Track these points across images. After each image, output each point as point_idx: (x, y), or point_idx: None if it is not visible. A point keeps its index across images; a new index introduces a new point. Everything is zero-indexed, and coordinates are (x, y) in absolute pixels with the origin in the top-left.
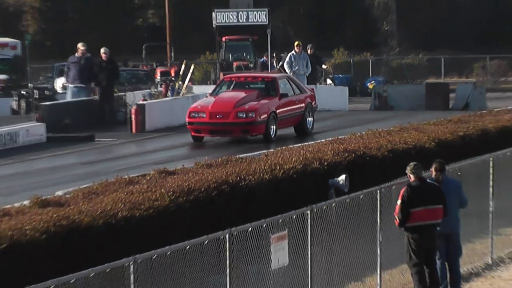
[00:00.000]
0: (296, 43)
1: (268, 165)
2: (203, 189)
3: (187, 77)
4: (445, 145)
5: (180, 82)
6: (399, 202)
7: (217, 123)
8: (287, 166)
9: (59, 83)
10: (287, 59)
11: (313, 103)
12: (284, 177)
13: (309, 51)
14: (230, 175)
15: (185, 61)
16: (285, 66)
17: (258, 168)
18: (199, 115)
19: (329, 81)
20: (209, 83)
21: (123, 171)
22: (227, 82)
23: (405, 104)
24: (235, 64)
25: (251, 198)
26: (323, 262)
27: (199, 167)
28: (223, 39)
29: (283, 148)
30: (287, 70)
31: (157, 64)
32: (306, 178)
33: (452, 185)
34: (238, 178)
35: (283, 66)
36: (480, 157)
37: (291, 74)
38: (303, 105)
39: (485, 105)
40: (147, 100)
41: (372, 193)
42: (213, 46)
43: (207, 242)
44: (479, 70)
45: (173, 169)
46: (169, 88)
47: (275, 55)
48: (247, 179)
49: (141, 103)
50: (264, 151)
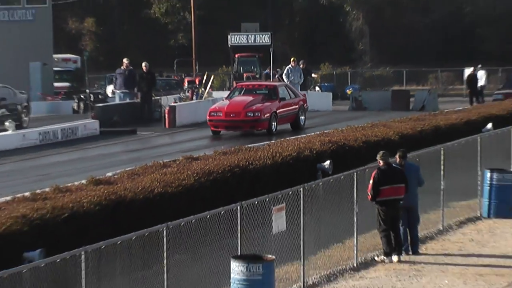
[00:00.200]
0: (292, 59)
1: (270, 153)
2: (220, 171)
3: (208, 85)
4: (406, 138)
5: (203, 89)
6: (371, 181)
7: (231, 121)
8: (285, 153)
9: (109, 89)
10: (285, 71)
11: (305, 105)
12: (282, 162)
13: (301, 65)
14: (241, 160)
15: (206, 72)
16: (283, 76)
17: (263, 155)
18: (217, 114)
19: (317, 88)
20: (224, 90)
21: (158, 157)
22: (238, 88)
23: (376, 106)
24: (245, 75)
25: (257, 179)
26: (312, 228)
27: (217, 154)
28: (236, 55)
29: (281, 139)
30: (285, 80)
31: (185, 74)
32: (300, 163)
33: (412, 168)
34: (247, 163)
35: (281, 76)
36: (433, 147)
37: (288, 83)
38: (297, 106)
39: (437, 107)
40: (177, 103)
41: (350, 175)
42: (228, 61)
43: (223, 212)
44: (432, 80)
45: (197, 156)
46: (194, 93)
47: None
48: (254, 163)
49: (172, 104)
50: (267, 142)
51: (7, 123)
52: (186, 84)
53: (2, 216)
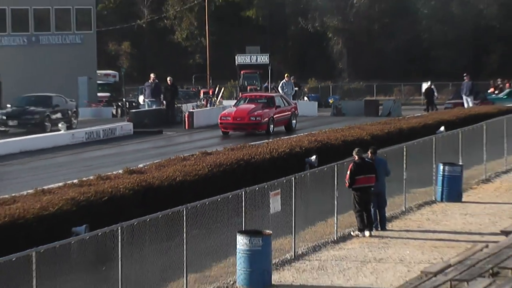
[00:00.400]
0: (285, 74)
1: (268, 149)
2: (228, 164)
3: (219, 95)
4: (376, 138)
5: (215, 98)
6: (348, 172)
7: (237, 123)
8: (280, 150)
9: (141, 98)
10: (280, 84)
11: (296, 112)
12: (278, 157)
13: (293, 80)
14: (245, 155)
15: (218, 85)
16: (279, 89)
17: (262, 151)
18: (227, 118)
19: (305, 98)
20: (232, 99)
21: (180, 152)
22: (243, 98)
23: (352, 112)
24: (248, 87)
25: (258, 169)
26: (301, 209)
27: (226, 150)
28: (242, 72)
29: (277, 139)
30: (280, 91)
31: (201, 87)
32: (292, 157)
33: (381, 162)
34: (250, 157)
35: (277, 88)
36: (398, 145)
37: (282, 94)
38: (290, 112)
39: (400, 114)
40: (195, 109)
41: (332, 167)
42: (235, 76)
43: (230, 196)
44: (397, 92)
45: (210, 151)
46: (208, 101)
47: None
48: (255, 157)
49: (191, 110)
50: (266, 141)
51: (60, 125)
52: (201, 95)
53: (55, 199)
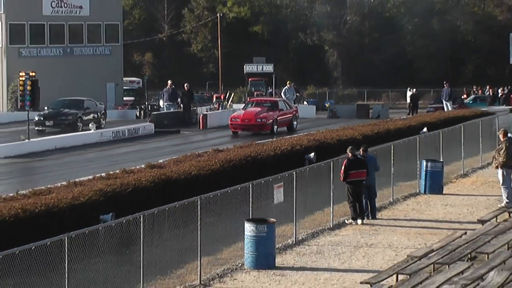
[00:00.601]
0: (288, 82)
1: (272, 147)
2: (238, 160)
3: (230, 99)
4: (367, 137)
5: (226, 102)
6: (342, 167)
7: (245, 124)
8: (283, 147)
9: (161, 102)
10: (283, 90)
11: (297, 114)
12: (281, 154)
13: (294, 86)
14: (252, 152)
15: (228, 91)
16: (282, 94)
17: (267, 148)
18: (236, 120)
19: (305, 102)
20: (241, 103)
21: (195, 149)
22: (251, 102)
23: (346, 115)
24: (255, 93)
25: (263, 165)
26: (301, 200)
27: (236, 147)
28: (249, 79)
29: (280, 138)
30: (282, 97)
31: (213, 92)
32: (293, 154)
33: (371, 158)
34: (257, 154)
35: (280, 94)
36: (386, 144)
37: (285, 99)
38: (291, 115)
39: (388, 116)
40: (208, 112)
41: (328, 163)
42: (244, 83)
43: (239, 188)
44: (385, 97)
45: (222, 148)
46: (220, 105)
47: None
48: (261, 154)
49: (205, 113)
50: (270, 140)
51: (90, 125)
52: (214, 99)
53: (85, 190)
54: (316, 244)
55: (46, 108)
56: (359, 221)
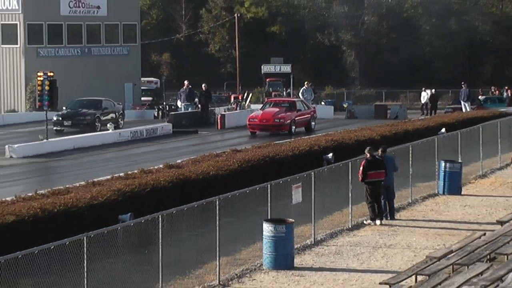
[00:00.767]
0: (305, 82)
1: (290, 147)
2: (256, 160)
3: (247, 100)
4: (385, 138)
5: (244, 102)
6: (361, 168)
7: (263, 125)
8: (301, 148)
9: (179, 103)
10: (300, 91)
11: (314, 115)
12: (299, 154)
13: (311, 87)
14: (270, 152)
15: (246, 91)
16: (300, 95)
17: (285, 149)
18: (254, 120)
19: (323, 103)
20: (259, 103)
21: (213, 149)
22: (269, 103)
23: (364, 116)
24: (273, 93)
25: (281, 165)
26: (320, 200)
27: (253, 148)
28: (267, 80)
29: (298, 138)
30: (300, 97)
31: (231, 92)
32: (311, 154)
33: (390, 159)
34: (275, 154)
35: (298, 94)
36: (404, 145)
37: (303, 99)
38: (309, 115)
39: (406, 117)
40: (226, 112)
41: (346, 163)
42: (261, 83)
43: (258, 189)
44: (403, 98)
45: (240, 149)
46: (238, 105)
47: (291, 89)
48: (279, 154)
49: (223, 113)
50: (288, 140)
51: (108, 125)
52: (232, 99)
53: (104, 190)
54: (335, 245)
55: (64, 108)
56: (377, 221)
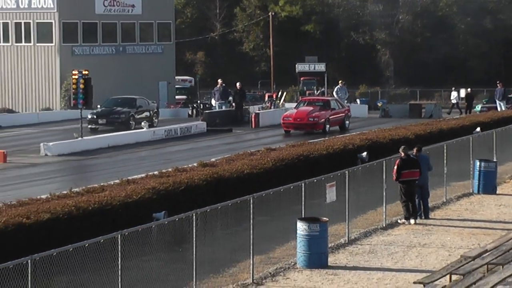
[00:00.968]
0: (340, 81)
1: (325, 146)
2: (290, 158)
3: (282, 98)
4: (420, 137)
5: (278, 101)
6: (395, 167)
7: (298, 123)
8: (335, 146)
9: (213, 101)
10: (335, 89)
11: (349, 113)
12: (333, 153)
13: (345, 85)
14: (305, 151)
15: (280, 90)
16: (334, 93)
17: (319, 148)
18: (288, 119)
19: (358, 101)
20: (293, 102)
21: (247, 148)
22: (303, 101)
23: (398, 114)
24: (307, 92)
25: (316, 164)
26: (354, 199)
27: (288, 146)
28: (301, 78)
29: (332, 137)
30: (335, 96)
31: (265, 91)
32: (345, 153)
33: (424, 158)
34: (309, 153)
35: (333, 93)
36: (439, 144)
37: (337, 98)
38: (343, 114)
39: (441, 116)
40: (260, 110)
41: (380, 162)
42: (296, 82)
43: (292, 187)
44: (437, 97)
45: (274, 147)
46: (272, 104)
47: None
48: (313, 153)
49: (257, 111)
50: (322, 139)
51: (142, 123)
52: (266, 98)
53: (138, 188)
54: (369, 244)
55: (98, 106)
56: (412, 220)
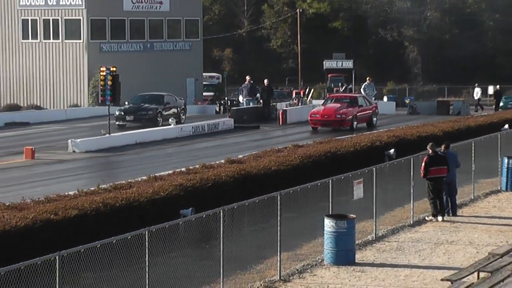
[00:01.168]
0: (367, 78)
1: (352, 143)
2: (317, 155)
3: (309, 95)
4: (447, 134)
5: (306, 98)
6: (423, 164)
7: (325, 120)
8: (362, 143)
9: (240, 98)
10: (362, 86)
11: (376, 110)
12: (361, 149)
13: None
14: (332, 148)
15: (308, 86)
16: (361, 90)
17: (347, 144)
18: (316, 116)
19: (385, 98)
20: (320, 99)
21: (275, 145)
22: (330, 98)
23: (426, 111)
24: (335, 89)
25: (343, 161)
26: (381, 196)
27: (315, 143)
28: (329, 75)
29: (360, 134)
30: (362, 93)
31: (293, 88)
32: (372, 150)
33: (452, 155)
34: (336, 150)
35: (360, 90)
36: (467, 141)
37: (364, 95)
38: (371, 111)
39: (469, 113)
40: (288, 107)
41: (408, 159)
42: (323, 79)
43: (319, 184)
44: (465, 94)
45: (301, 144)
46: (300, 101)
47: (353, 84)
48: (341, 150)
49: (284, 108)
50: (350, 136)
51: (170, 120)
52: (294, 94)
53: (165, 184)
54: (396, 241)
55: (126, 103)
56: (439, 218)
